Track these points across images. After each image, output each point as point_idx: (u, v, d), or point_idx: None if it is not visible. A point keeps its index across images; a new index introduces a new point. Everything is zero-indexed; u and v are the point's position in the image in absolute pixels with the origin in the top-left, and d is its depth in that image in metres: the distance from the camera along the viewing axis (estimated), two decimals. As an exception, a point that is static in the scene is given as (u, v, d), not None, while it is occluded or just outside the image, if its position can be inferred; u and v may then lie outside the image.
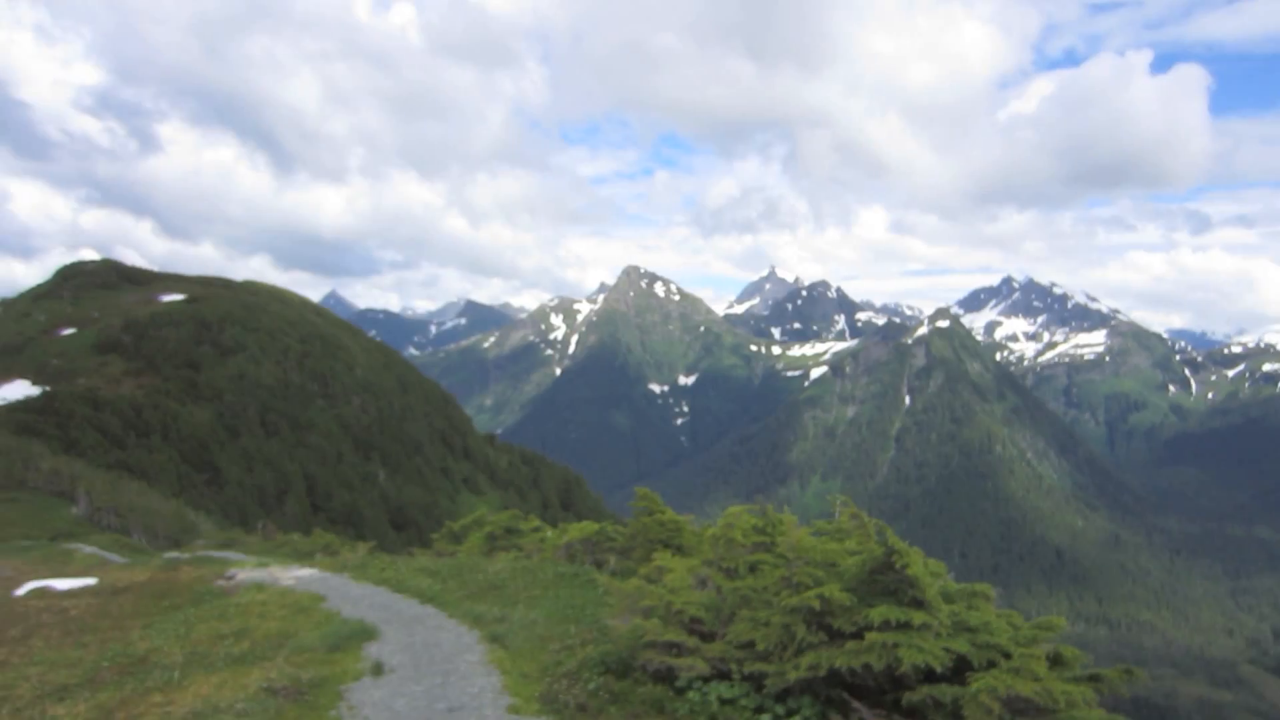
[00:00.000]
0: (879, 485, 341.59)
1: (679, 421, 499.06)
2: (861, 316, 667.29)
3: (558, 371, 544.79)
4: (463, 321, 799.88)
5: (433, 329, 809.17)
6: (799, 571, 8.40)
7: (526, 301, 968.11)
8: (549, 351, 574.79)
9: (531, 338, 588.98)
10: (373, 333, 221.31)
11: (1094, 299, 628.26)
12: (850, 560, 8.75)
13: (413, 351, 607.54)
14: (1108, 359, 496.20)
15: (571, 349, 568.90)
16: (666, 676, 8.15)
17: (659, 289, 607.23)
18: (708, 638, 8.37)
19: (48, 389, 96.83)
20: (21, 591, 18.72)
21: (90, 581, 19.38)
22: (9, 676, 8.79)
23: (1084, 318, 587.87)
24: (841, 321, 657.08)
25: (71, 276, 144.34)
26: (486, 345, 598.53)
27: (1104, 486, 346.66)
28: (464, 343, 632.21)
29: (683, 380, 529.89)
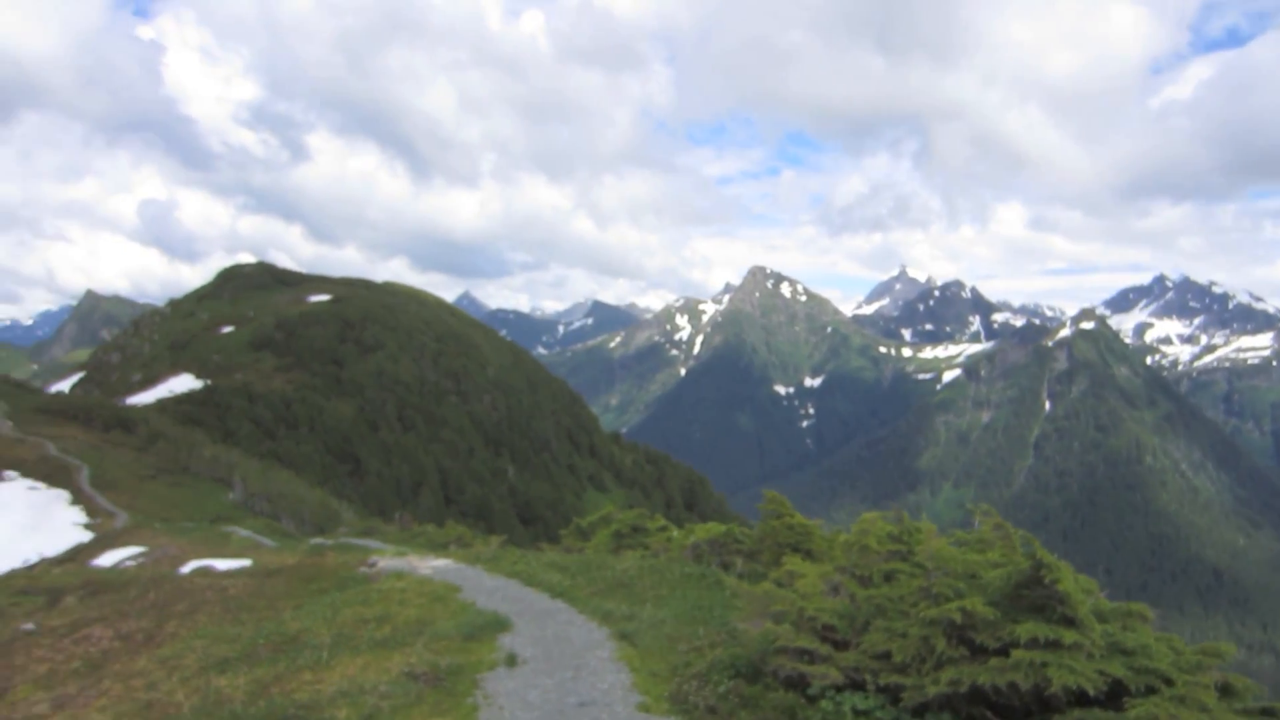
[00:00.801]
0: (1015, 494, 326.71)
1: (804, 424, 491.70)
2: (998, 318, 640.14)
3: (682, 372, 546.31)
4: (589, 322, 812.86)
5: (560, 329, 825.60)
6: (938, 582, 8.08)
7: (652, 302, 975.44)
8: (674, 352, 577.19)
9: (657, 338, 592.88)
10: (503, 332, 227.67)
11: (1259, 298, 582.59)
12: (993, 573, 8.35)
13: (541, 351, 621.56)
14: (1275, 363, 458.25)
15: (696, 349, 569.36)
16: (798, 683, 7.99)
17: (785, 289, 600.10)
18: (841, 646, 8.16)
19: (209, 382, 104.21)
20: (186, 569, 20.12)
21: (246, 563, 20.64)
22: (177, 648, 9.38)
23: (1247, 319, 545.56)
24: (976, 323, 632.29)
25: (230, 278, 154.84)
26: (612, 345, 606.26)
27: (1270, 502, 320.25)
28: (590, 342, 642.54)
29: (808, 382, 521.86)
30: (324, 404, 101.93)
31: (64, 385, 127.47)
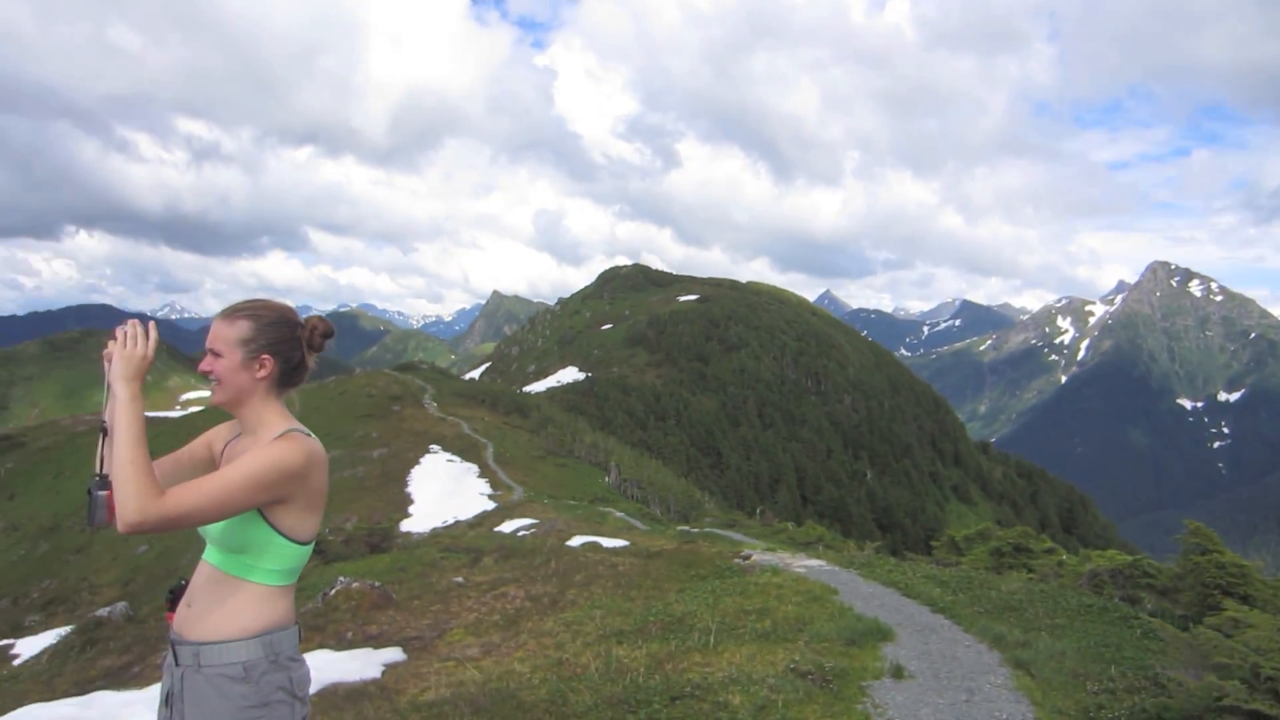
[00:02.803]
0: None
1: (1216, 445, 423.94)
2: None
3: (1063, 379, 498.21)
4: (957, 323, 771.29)
5: (925, 330, 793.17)
6: None
7: (1028, 302, 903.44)
8: (1053, 357, 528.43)
9: (1033, 341, 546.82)
10: (864, 332, 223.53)
11: None
12: None
13: (903, 353, 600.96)
14: None
15: (1080, 355, 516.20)
16: (1248, 751, 6.72)
17: (1194, 288, 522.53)
18: (1309, 716, 6.72)
19: (590, 375, 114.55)
20: (575, 543, 22.04)
21: (624, 543, 22.15)
22: (578, 614, 10.20)
23: None
24: None
25: (609, 280, 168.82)
26: (982, 348, 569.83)
27: None
28: (957, 345, 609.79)
29: (1223, 396, 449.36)
30: (690, 398, 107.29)
31: (475, 373, 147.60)
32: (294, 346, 2.69)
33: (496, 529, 32.61)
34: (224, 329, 2.62)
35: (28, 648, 19.10)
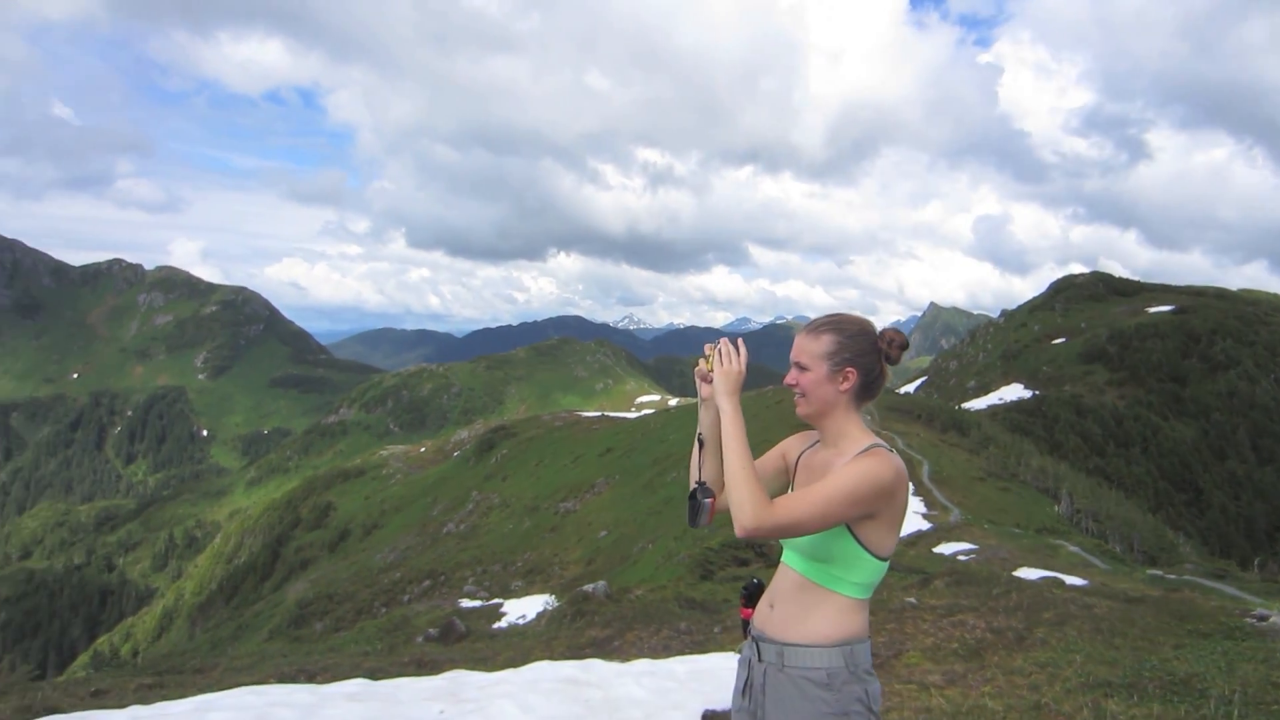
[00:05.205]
0: None
1: None
2: None
3: None
4: None
5: None
6: None
7: None
8: None
9: None
10: None
11: None
12: None
13: None
14: None
15: None
16: None
17: None
18: None
19: (1038, 393, 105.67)
20: (1028, 576, 20.33)
21: (1085, 582, 19.91)
22: (1051, 655, 9.31)
23: None
24: None
25: (1062, 289, 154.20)
26: None
27: None
28: None
29: None
30: (1160, 424, 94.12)
31: (910, 387, 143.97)
32: (874, 359, 2.67)
33: (934, 550, 31.36)
34: (809, 343, 2.66)
35: (512, 607, 22.65)
